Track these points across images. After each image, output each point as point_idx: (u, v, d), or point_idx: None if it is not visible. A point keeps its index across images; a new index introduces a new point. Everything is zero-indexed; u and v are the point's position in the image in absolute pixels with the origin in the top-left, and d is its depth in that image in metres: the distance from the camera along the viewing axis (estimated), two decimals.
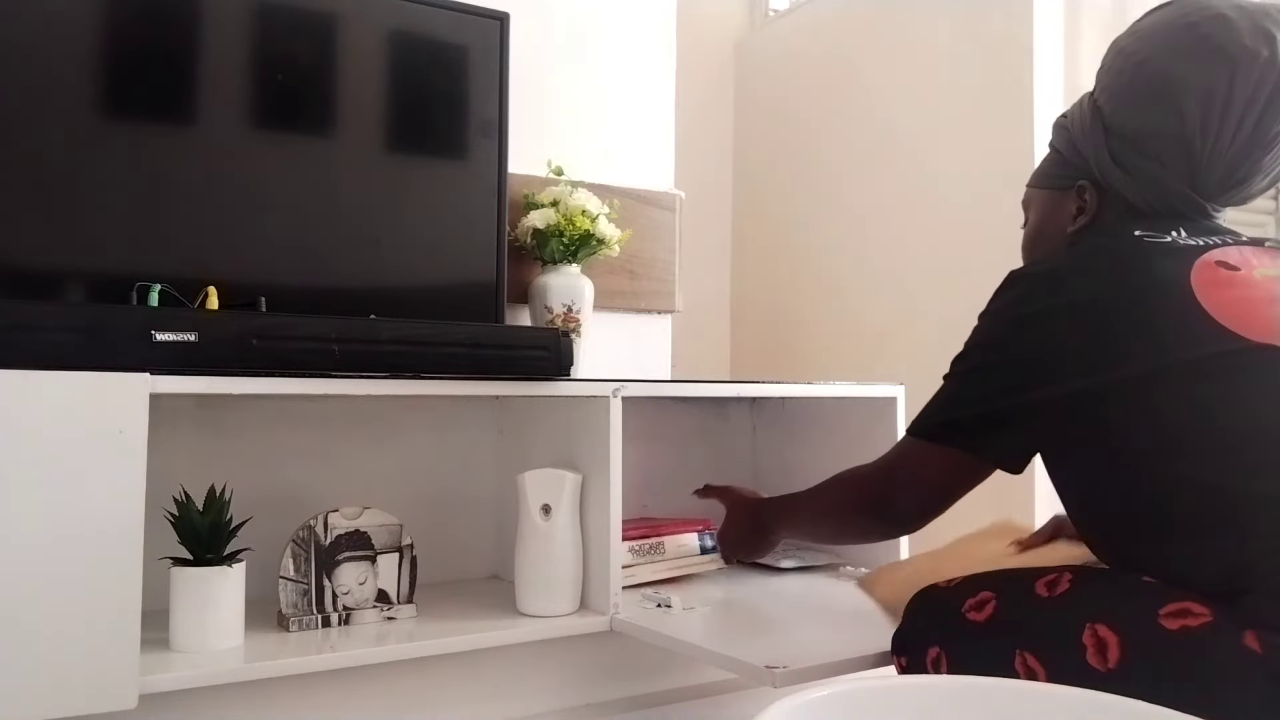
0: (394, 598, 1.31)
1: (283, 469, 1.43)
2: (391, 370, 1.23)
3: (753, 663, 1.08)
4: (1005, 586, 0.96)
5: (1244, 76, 0.94)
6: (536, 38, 1.84)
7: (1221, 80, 0.94)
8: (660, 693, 1.44)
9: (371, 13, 1.55)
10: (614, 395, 1.33)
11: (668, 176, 2.03)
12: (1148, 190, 1.01)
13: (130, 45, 1.39)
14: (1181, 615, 0.81)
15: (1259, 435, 0.87)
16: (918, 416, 1.05)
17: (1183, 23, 0.98)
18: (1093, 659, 0.82)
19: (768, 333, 2.96)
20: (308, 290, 1.48)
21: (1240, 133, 0.96)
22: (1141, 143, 1.01)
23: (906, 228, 2.47)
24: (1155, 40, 1.00)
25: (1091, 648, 0.83)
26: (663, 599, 1.36)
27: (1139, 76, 1.00)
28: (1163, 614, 0.81)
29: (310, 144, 1.52)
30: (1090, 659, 0.83)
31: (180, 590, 1.13)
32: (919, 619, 1.04)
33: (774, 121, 2.99)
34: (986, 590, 0.96)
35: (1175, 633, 0.80)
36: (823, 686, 0.70)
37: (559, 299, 1.71)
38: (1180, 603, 0.82)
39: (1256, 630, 0.77)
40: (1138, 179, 1.02)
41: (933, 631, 1.00)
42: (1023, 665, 0.87)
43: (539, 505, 1.33)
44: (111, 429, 1.02)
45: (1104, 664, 0.82)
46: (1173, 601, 0.82)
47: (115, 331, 1.09)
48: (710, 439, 1.84)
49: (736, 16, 3.20)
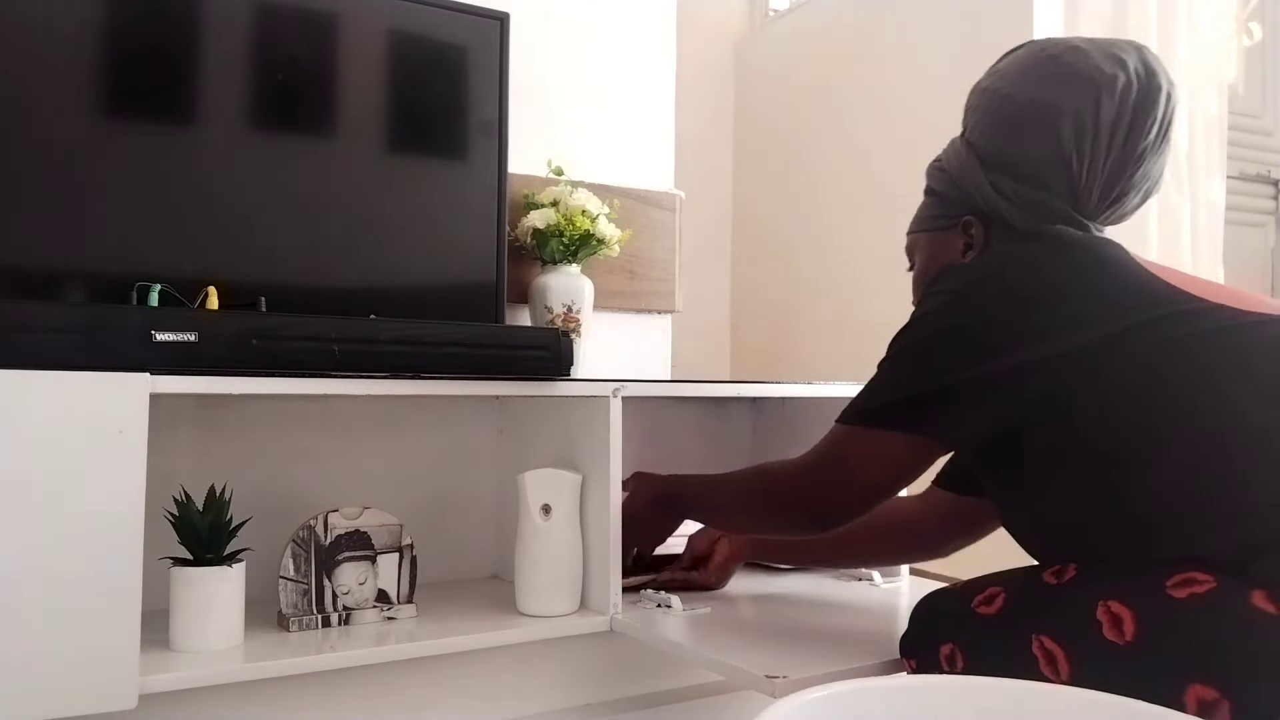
0: (394, 598, 1.31)
1: (283, 469, 1.43)
2: (391, 370, 1.23)
3: (753, 671, 1.08)
4: (1012, 581, 0.98)
5: (1108, 97, 1.00)
6: (536, 38, 1.84)
7: (1088, 102, 1.00)
8: (660, 693, 1.44)
9: (371, 13, 1.55)
10: (614, 395, 1.33)
11: (668, 176, 2.03)
12: (1032, 214, 1.04)
13: (130, 45, 1.39)
14: (1188, 584, 0.83)
15: (1250, 385, 0.89)
16: (849, 405, 1.03)
17: (1042, 56, 1.05)
18: (1110, 634, 0.84)
19: (768, 333, 2.96)
20: (308, 290, 1.48)
21: (1111, 151, 1.01)
22: (1021, 169, 1.05)
23: (906, 227, 2.47)
24: (1019, 74, 1.06)
25: (1107, 623, 0.85)
26: (663, 599, 1.36)
27: (1009, 108, 1.05)
28: (1169, 585, 0.83)
29: (310, 144, 1.52)
30: (1107, 634, 0.84)
31: (180, 590, 1.13)
32: (926, 621, 1.04)
33: (774, 121, 2.99)
34: (993, 586, 0.98)
35: (1184, 600, 0.82)
36: (822, 688, 0.70)
37: (559, 299, 1.71)
38: (1184, 573, 0.84)
39: (1267, 589, 0.80)
40: (1021, 204, 1.05)
41: (943, 630, 1.00)
42: (1040, 649, 0.88)
43: (539, 505, 1.33)
44: (111, 429, 1.02)
45: (1121, 637, 0.83)
46: (1178, 573, 0.84)
47: (115, 331, 1.09)
48: (710, 439, 1.84)
49: (736, 16, 3.20)
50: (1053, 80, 1.03)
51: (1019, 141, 1.04)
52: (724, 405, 1.85)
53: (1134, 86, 1.00)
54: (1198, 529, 0.86)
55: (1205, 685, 0.78)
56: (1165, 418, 0.90)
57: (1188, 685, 0.79)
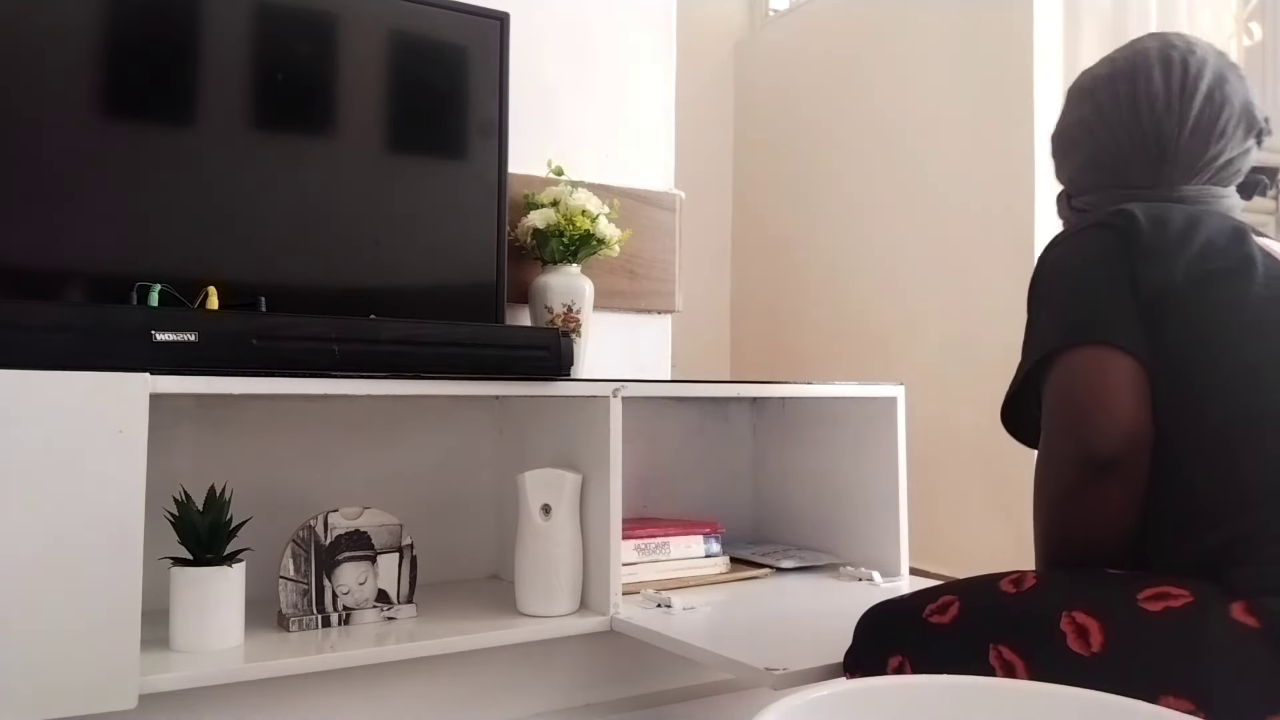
0: (394, 598, 1.30)
1: (283, 469, 1.43)
2: (392, 370, 1.23)
3: (752, 664, 1.08)
4: (967, 588, 0.95)
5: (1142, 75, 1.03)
6: (536, 38, 1.84)
7: (1123, 83, 1.04)
8: (660, 693, 1.44)
9: (371, 13, 1.55)
10: (614, 395, 1.33)
11: (668, 176, 2.03)
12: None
13: (130, 45, 1.39)
14: (1162, 598, 0.81)
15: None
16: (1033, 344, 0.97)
17: (1072, 90, 1.12)
18: (1075, 645, 0.81)
19: (768, 333, 2.96)
20: (308, 290, 1.48)
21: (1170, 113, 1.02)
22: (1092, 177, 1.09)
23: (906, 227, 2.47)
24: (1064, 111, 1.12)
25: (1072, 634, 0.82)
26: (662, 599, 1.36)
27: (1063, 140, 1.13)
28: (1141, 598, 0.81)
29: (310, 144, 1.52)
30: (1072, 645, 0.82)
31: (180, 590, 1.13)
32: (871, 632, 1.00)
33: (774, 121, 2.99)
34: (947, 595, 0.94)
35: (1158, 613, 0.80)
36: (822, 687, 0.70)
37: (559, 299, 1.71)
38: (1157, 587, 0.82)
39: (1247, 600, 0.78)
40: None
41: (891, 641, 0.96)
42: (998, 659, 0.85)
43: (539, 505, 1.33)
44: (111, 429, 1.02)
45: (1087, 649, 0.81)
46: (1149, 586, 0.82)
47: (115, 331, 1.09)
48: (710, 439, 1.84)
49: (736, 16, 3.20)
50: (1078, 101, 1.09)
51: (1072, 150, 1.10)
52: (724, 405, 1.85)
53: (1152, 60, 1.03)
54: (1198, 526, 0.85)
55: (1179, 698, 0.75)
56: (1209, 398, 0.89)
57: (1160, 696, 0.76)
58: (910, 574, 1.61)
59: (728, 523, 1.67)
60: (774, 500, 1.83)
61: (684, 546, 1.55)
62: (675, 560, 1.53)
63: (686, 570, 1.54)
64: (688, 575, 1.54)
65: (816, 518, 1.74)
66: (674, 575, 1.52)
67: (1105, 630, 0.81)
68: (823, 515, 1.72)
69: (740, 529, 1.82)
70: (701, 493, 1.81)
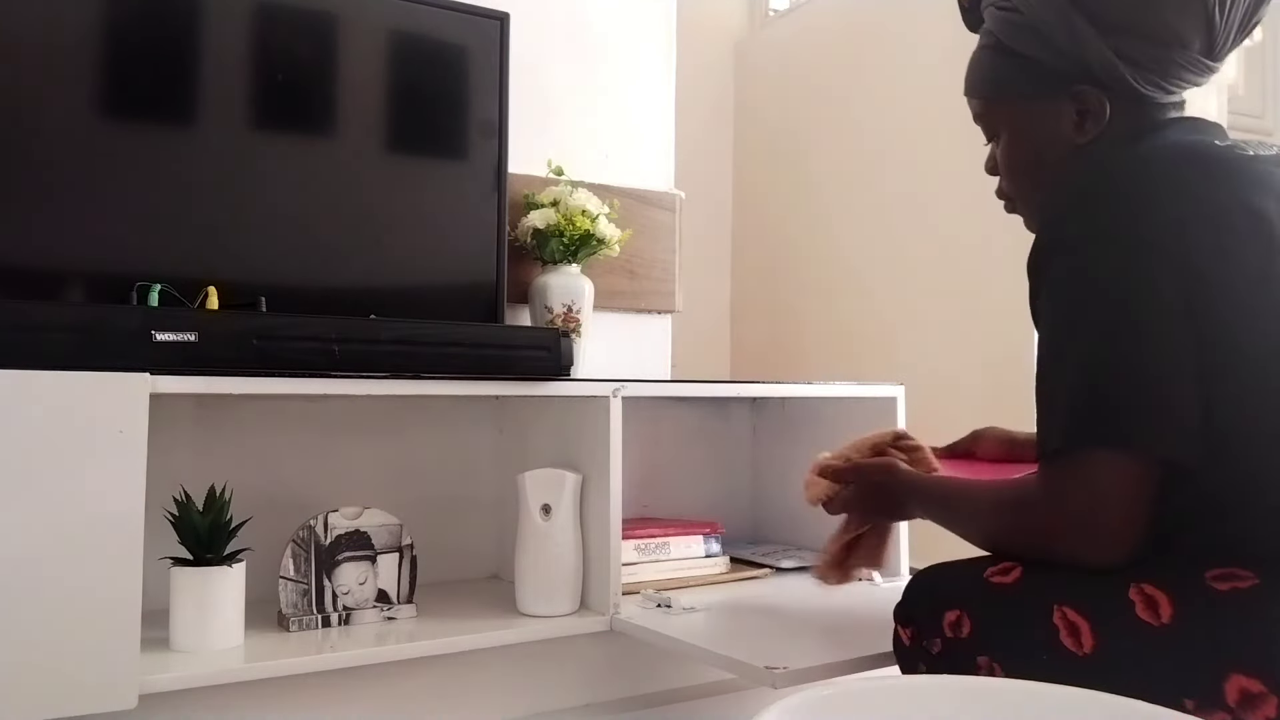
0: (394, 598, 1.30)
1: (283, 469, 1.43)
2: (392, 370, 1.23)
3: (752, 663, 1.08)
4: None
5: None
6: (536, 38, 1.84)
7: None
8: (660, 693, 1.44)
9: (371, 13, 1.55)
10: (614, 395, 1.33)
11: (668, 176, 2.03)
12: (1160, 75, 0.97)
13: (130, 45, 1.39)
14: (1229, 578, 0.81)
15: None
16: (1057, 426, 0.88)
17: None
18: (1144, 614, 0.81)
19: (768, 333, 2.96)
20: (308, 290, 1.48)
21: None
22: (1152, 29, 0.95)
23: (906, 227, 2.47)
24: None
25: (1141, 604, 0.82)
26: (663, 599, 1.36)
27: None
28: (1210, 576, 0.81)
29: (310, 144, 1.52)
30: (1141, 614, 0.81)
31: (180, 590, 1.13)
32: (926, 588, 0.98)
33: (774, 121, 2.99)
34: (1007, 561, 0.92)
35: (1226, 592, 0.80)
36: (823, 686, 0.70)
37: (559, 299, 1.71)
38: (1223, 568, 0.82)
39: None
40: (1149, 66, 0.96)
41: (949, 596, 0.94)
42: (1062, 619, 0.84)
43: (539, 505, 1.33)
44: (111, 429, 1.02)
45: (1157, 619, 0.81)
46: (1217, 566, 0.82)
47: (115, 331, 1.09)
48: (710, 439, 1.84)
49: (736, 16, 3.20)
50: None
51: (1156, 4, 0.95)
52: (724, 405, 1.85)
53: None
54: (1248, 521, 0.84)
55: (1249, 677, 0.76)
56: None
57: (1229, 674, 0.76)
58: (910, 574, 1.61)
59: (728, 523, 1.67)
60: (774, 500, 1.83)
61: (684, 546, 1.55)
62: (675, 560, 1.54)
63: (686, 570, 1.54)
64: (688, 575, 1.54)
65: (816, 518, 1.73)
66: (674, 575, 1.52)
67: (1175, 603, 0.81)
68: (823, 515, 1.72)
69: (740, 529, 1.82)
70: (701, 493, 1.81)
